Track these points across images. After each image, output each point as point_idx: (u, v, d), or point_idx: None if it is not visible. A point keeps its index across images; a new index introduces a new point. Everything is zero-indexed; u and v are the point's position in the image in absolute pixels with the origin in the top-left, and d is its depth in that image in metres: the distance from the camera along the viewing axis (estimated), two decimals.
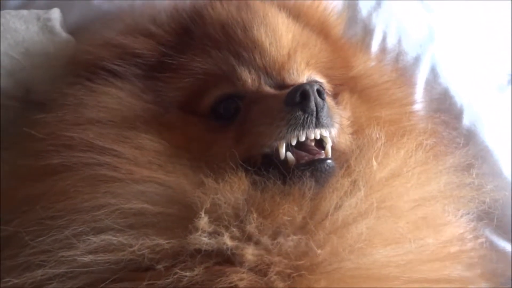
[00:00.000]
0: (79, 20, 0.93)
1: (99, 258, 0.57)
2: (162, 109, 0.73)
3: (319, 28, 0.88)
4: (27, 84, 0.83)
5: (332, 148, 0.68)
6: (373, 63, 0.96)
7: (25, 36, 0.82)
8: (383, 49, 1.04)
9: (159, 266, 0.56)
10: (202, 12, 0.81)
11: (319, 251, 0.57)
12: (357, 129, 0.75)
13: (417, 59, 1.05)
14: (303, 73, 0.77)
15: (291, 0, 0.90)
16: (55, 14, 0.87)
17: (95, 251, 0.57)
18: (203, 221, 0.58)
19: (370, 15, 1.06)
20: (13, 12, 0.86)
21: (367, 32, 1.05)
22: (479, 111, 1.04)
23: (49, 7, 0.89)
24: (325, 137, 0.67)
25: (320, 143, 0.68)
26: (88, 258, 0.57)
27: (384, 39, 1.05)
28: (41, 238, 0.59)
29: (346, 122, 0.75)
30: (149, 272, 0.56)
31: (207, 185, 0.61)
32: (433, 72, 1.05)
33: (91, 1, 0.94)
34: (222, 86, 0.74)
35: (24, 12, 0.86)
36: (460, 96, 1.04)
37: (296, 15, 0.86)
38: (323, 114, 0.66)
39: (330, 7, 0.94)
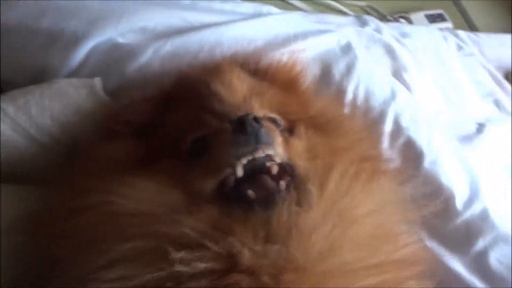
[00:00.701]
0: (115, 87, 1.12)
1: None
2: (151, 160, 0.86)
3: (281, 81, 1.02)
4: (76, 136, 1.00)
5: (286, 165, 0.80)
6: (326, 105, 1.09)
7: (76, 99, 1.01)
8: (353, 105, 1.24)
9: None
10: (179, 82, 1.02)
11: (297, 255, 0.67)
12: (314, 156, 0.85)
13: (382, 114, 1.24)
14: (258, 112, 0.87)
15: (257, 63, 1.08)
16: (98, 82, 1.06)
17: (111, 281, 0.65)
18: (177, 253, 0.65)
19: (342, 79, 1.28)
20: (66, 80, 1.05)
21: (340, 92, 1.26)
22: (438, 155, 1.20)
23: (93, 75, 1.10)
24: (271, 154, 0.77)
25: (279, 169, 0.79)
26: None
27: (355, 98, 1.26)
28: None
29: (300, 149, 0.86)
30: None
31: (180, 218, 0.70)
32: (396, 123, 1.24)
33: (124, 72, 1.14)
34: (193, 132, 0.86)
35: (74, 80, 1.05)
36: (421, 141, 1.21)
37: (262, 73, 1.04)
38: (261, 134, 0.76)
39: (294, 67, 1.10)
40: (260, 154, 0.76)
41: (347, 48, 1.39)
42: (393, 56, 1.56)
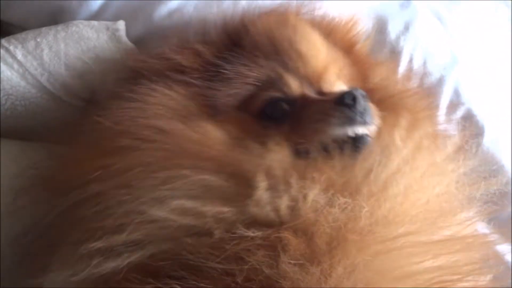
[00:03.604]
0: (141, 33, 1.02)
1: (175, 220, 0.63)
2: (214, 111, 0.81)
3: (344, 46, 0.97)
4: (94, 86, 0.91)
5: None
6: (388, 77, 1.02)
7: (96, 44, 0.91)
8: (409, 70, 1.11)
9: (219, 233, 0.62)
10: (250, 27, 0.91)
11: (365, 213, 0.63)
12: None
13: (440, 81, 1.12)
14: (334, 83, 0.87)
15: (320, 20, 1.00)
16: (122, 25, 0.96)
17: (169, 215, 0.63)
18: (262, 186, 0.65)
19: (398, 38, 1.14)
20: (85, 22, 0.95)
21: (395, 54, 1.13)
22: (500, 132, 1.10)
23: (115, 20, 0.98)
24: (368, 134, 0.77)
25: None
26: (169, 216, 0.63)
27: (410, 61, 1.12)
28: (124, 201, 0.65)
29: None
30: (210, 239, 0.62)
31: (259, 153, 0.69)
32: (456, 93, 1.12)
33: (153, 17, 1.02)
34: (270, 91, 0.83)
35: (95, 22, 0.95)
36: (482, 116, 1.10)
37: (327, 34, 0.95)
38: (367, 114, 0.76)
39: (355, 28, 1.02)
40: (361, 132, 0.76)
41: (406, 3, 1.22)
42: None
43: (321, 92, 0.84)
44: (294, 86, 0.83)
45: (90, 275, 0.63)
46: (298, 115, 0.80)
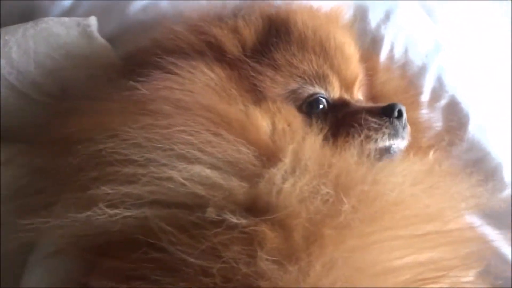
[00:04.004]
0: (115, 29, 1.00)
1: (188, 186, 0.62)
2: (259, 98, 0.80)
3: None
4: (64, 83, 0.89)
5: None
6: (386, 78, 1.03)
7: (66, 40, 0.89)
8: (390, 58, 1.10)
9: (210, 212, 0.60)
10: (297, 19, 0.90)
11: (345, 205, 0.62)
12: None
13: (423, 69, 1.10)
14: (358, 92, 0.91)
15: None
16: (93, 21, 0.94)
17: (187, 178, 0.63)
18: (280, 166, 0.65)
19: (378, 27, 1.12)
20: (55, 19, 0.93)
21: (376, 42, 1.11)
22: (485, 119, 1.08)
23: (87, 16, 0.96)
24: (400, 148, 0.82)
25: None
26: (181, 181, 0.62)
27: (391, 50, 1.11)
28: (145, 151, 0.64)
29: None
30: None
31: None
32: (439, 80, 1.10)
33: (127, 12, 1.00)
34: (316, 87, 0.84)
35: (65, 19, 0.93)
36: (466, 103, 1.08)
37: None
38: (405, 129, 0.82)
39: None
40: (401, 145, 0.82)
41: None
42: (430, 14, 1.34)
43: (356, 99, 0.88)
44: (337, 87, 0.85)
45: (86, 219, 0.62)
46: (338, 118, 0.82)
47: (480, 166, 1.03)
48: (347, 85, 0.88)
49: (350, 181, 0.65)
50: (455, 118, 1.07)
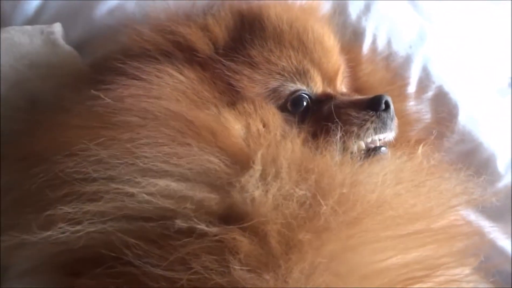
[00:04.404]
0: (81, 35, 0.96)
1: (154, 202, 0.59)
2: (233, 98, 0.77)
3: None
4: (32, 95, 0.85)
5: None
6: (370, 70, 1.00)
7: (29, 49, 0.85)
8: (373, 51, 1.06)
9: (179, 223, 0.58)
10: (271, 13, 0.86)
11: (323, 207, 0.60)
12: None
13: (408, 59, 1.06)
14: (341, 84, 0.89)
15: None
16: (58, 27, 0.90)
17: (153, 193, 0.60)
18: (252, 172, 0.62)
19: (359, 18, 1.08)
20: (17, 27, 0.89)
21: (357, 35, 1.07)
22: (475, 108, 1.04)
23: (54, 22, 0.92)
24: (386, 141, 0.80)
25: None
26: (146, 198, 0.59)
27: (374, 41, 1.07)
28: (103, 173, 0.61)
29: None
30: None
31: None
32: (425, 71, 1.06)
33: (93, 17, 0.96)
34: (297, 84, 0.81)
35: (28, 27, 0.89)
36: (455, 93, 1.04)
37: None
38: (394, 120, 0.80)
39: None
40: (389, 137, 0.80)
41: None
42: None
43: (340, 92, 0.85)
44: (319, 82, 0.82)
45: (48, 238, 0.60)
46: (322, 114, 0.79)
47: (472, 158, 1.00)
48: (330, 79, 0.85)
49: (329, 184, 0.62)
50: (445, 109, 1.04)
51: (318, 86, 0.83)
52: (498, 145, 1.02)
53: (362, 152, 0.76)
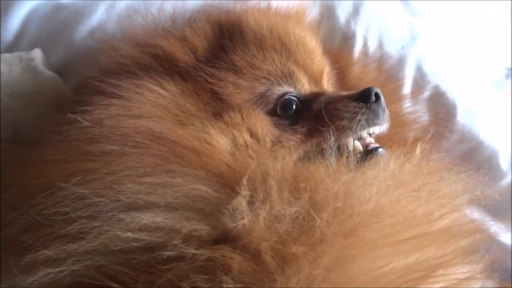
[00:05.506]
0: (63, 59, 0.93)
1: (141, 238, 0.57)
2: (219, 107, 0.74)
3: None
4: (14, 124, 0.82)
5: None
6: (361, 71, 0.98)
7: (9, 79, 0.83)
8: (364, 53, 1.03)
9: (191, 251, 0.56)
10: (249, 19, 0.84)
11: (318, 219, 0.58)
12: None
13: (401, 60, 1.04)
14: (327, 83, 0.88)
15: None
16: (37, 54, 0.87)
17: (139, 229, 0.57)
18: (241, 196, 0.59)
19: (348, 22, 1.06)
20: None
21: (347, 39, 1.05)
22: (473, 106, 1.02)
23: (32, 49, 0.90)
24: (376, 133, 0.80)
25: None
26: (131, 236, 0.57)
27: (365, 44, 1.04)
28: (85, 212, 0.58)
29: None
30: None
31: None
32: (420, 71, 1.04)
33: (73, 40, 0.94)
34: (284, 87, 0.79)
35: (6, 55, 0.86)
36: (452, 92, 1.02)
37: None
38: (384, 113, 0.79)
39: None
40: (383, 129, 0.79)
41: None
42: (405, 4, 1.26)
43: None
44: (306, 83, 0.81)
45: (31, 284, 0.57)
46: (312, 112, 0.78)
47: (473, 157, 0.99)
48: (316, 79, 0.84)
49: (323, 198, 0.61)
50: (443, 109, 1.01)
51: (305, 87, 0.82)
52: (499, 143, 1.00)
53: (358, 155, 0.74)
